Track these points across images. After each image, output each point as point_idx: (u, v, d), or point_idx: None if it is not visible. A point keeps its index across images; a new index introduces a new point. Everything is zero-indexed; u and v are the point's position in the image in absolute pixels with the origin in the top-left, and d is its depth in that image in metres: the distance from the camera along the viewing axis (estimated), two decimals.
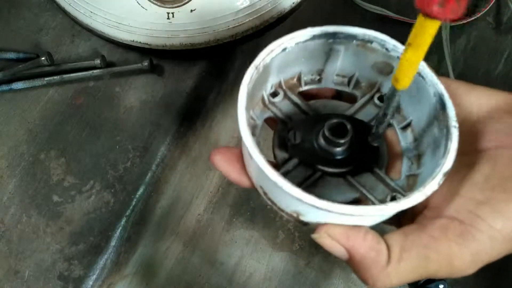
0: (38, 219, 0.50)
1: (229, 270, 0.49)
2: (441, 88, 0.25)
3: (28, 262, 0.49)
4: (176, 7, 0.49)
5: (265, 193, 0.26)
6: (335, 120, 0.26)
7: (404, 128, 0.29)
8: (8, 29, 0.56)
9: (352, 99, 0.30)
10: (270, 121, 0.30)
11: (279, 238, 0.50)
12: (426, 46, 0.19)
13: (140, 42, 0.51)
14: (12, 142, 0.52)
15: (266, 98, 0.29)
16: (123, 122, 0.53)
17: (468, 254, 0.22)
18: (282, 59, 0.27)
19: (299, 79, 0.30)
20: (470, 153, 0.25)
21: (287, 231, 0.50)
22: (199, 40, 0.51)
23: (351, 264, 0.24)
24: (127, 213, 0.50)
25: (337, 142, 0.26)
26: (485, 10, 0.55)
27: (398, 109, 0.29)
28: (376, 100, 0.29)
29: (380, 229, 0.25)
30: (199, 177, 0.52)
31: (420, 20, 0.18)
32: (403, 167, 0.28)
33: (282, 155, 0.27)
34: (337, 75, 0.30)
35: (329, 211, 0.21)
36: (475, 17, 0.55)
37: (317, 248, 0.50)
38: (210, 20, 0.49)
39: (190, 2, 0.49)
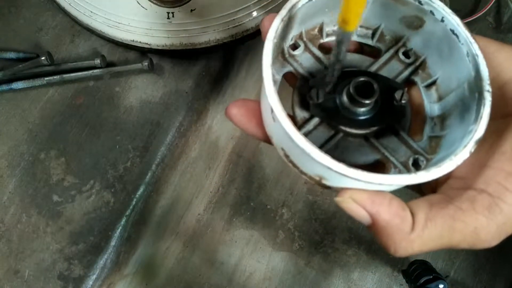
0: (38, 218, 0.50)
1: (229, 270, 0.49)
2: (476, 48, 0.24)
3: (28, 261, 0.49)
4: (176, 7, 0.49)
5: (286, 156, 0.24)
6: (361, 79, 0.24)
7: (429, 86, 0.27)
8: (8, 28, 0.56)
9: (375, 53, 0.29)
10: (289, 77, 0.28)
11: (279, 238, 0.50)
12: None
13: (140, 42, 0.51)
14: (12, 142, 0.52)
15: (286, 50, 0.27)
16: (123, 122, 0.53)
17: (494, 226, 0.22)
18: (307, 9, 0.25)
19: (320, 30, 0.28)
20: (498, 118, 0.24)
21: (287, 231, 0.50)
22: (199, 40, 0.51)
23: (373, 230, 0.23)
24: (127, 213, 0.50)
25: (363, 102, 0.24)
26: (485, 10, 0.55)
27: (423, 65, 0.28)
28: (401, 56, 0.27)
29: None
30: (199, 177, 0.52)
31: None
32: (426, 128, 0.27)
33: (302, 114, 0.26)
34: (361, 26, 0.28)
35: (359, 180, 0.21)
36: (475, 17, 0.55)
37: (317, 248, 0.50)
38: (210, 20, 0.49)
39: (190, 2, 0.49)
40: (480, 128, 0.22)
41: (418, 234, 0.22)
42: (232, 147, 0.53)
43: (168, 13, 0.49)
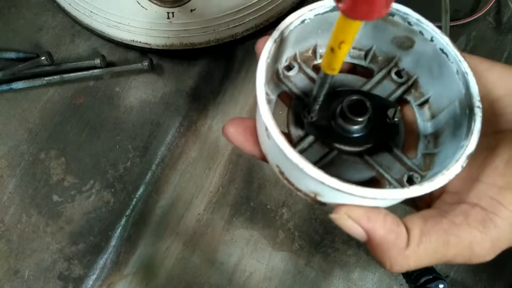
0: (38, 218, 0.50)
1: (229, 270, 0.49)
2: (465, 66, 0.24)
3: (28, 261, 0.49)
4: (176, 6, 0.49)
5: (281, 173, 0.25)
6: (354, 97, 0.25)
7: (422, 104, 0.28)
8: (8, 28, 0.56)
9: (368, 73, 0.29)
10: (284, 97, 0.29)
11: (279, 238, 0.50)
12: (351, 40, 0.19)
13: (140, 42, 0.51)
14: (12, 142, 0.52)
15: (280, 71, 0.28)
16: (123, 121, 0.53)
17: (488, 241, 0.22)
18: (300, 31, 0.26)
19: (314, 51, 0.29)
20: (489, 135, 0.24)
21: (287, 231, 0.50)
22: (199, 40, 0.51)
23: (369, 246, 0.23)
24: (127, 213, 0.50)
25: (356, 120, 0.25)
26: (485, 10, 0.55)
27: (415, 85, 0.28)
28: (393, 75, 0.28)
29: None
30: (199, 177, 0.52)
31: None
32: (420, 146, 0.27)
33: (297, 132, 0.27)
34: (354, 48, 0.29)
35: (352, 194, 0.21)
36: (475, 17, 0.55)
37: (317, 248, 0.50)
38: (210, 20, 0.49)
39: (190, 2, 0.49)
40: (471, 143, 0.22)
41: (413, 249, 0.22)
42: (232, 147, 0.53)
43: (168, 13, 0.49)
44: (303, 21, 0.25)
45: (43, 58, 0.50)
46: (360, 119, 0.25)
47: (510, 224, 0.22)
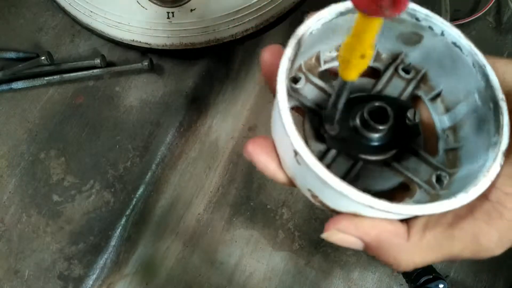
0: (38, 218, 0.50)
1: (229, 270, 0.49)
2: (482, 58, 0.24)
3: (28, 261, 0.49)
4: (176, 6, 0.49)
5: (314, 196, 0.24)
6: (374, 105, 0.24)
7: (433, 99, 0.27)
8: (8, 28, 0.56)
9: (373, 73, 0.28)
10: (297, 109, 0.28)
11: (279, 238, 0.50)
12: (371, 38, 0.18)
13: (140, 42, 0.51)
14: (12, 142, 0.52)
15: (288, 85, 0.26)
16: (123, 121, 0.53)
17: (495, 233, 0.22)
18: (307, 42, 0.25)
19: (317, 58, 0.28)
20: None
21: (287, 231, 0.50)
22: (199, 40, 0.50)
23: (370, 253, 0.23)
24: (127, 213, 0.50)
25: (379, 128, 0.24)
26: (485, 10, 0.55)
27: (424, 79, 0.27)
28: (401, 72, 0.27)
29: None
30: (199, 177, 0.52)
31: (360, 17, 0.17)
32: (440, 142, 0.27)
33: (318, 147, 0.25)
34: None
35: (400, 213, 0.21)
36: (475, 17, 0.55)
37: (317, 248, 0.50)
38: (210, 20, 0.49)
39: (190, 2, 0.49)
40: (504, 138, 0.22)
41: (416, 244, 0.22)
42: (232, 147, 0.53)
43: (168, 12, 0.49)
44: (311, 33, 0.25)
45: (43, 58, 0.50)
46: (383, 127, 0.24)
47: None
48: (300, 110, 0.27)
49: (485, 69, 0.23)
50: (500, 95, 0.23)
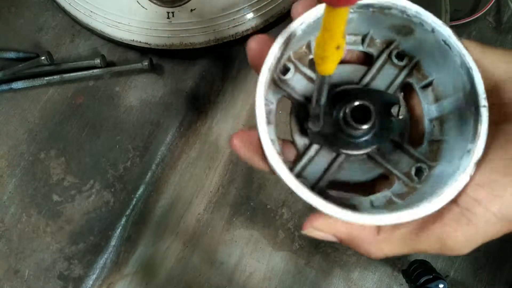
0: (38, 218, 0.50)
1: (229, 270, 0.49)
2: (469, 60, 0.23)
3: (28, 261, 0.49)
4: (176, 6, 0.49)
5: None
6: (356, 103, 0.24)
7: (425, 87, 0.27)
8: (8, 28, 0.56)
9: (367, 58, 0.28)
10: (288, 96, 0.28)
11: (279, 238, 0.50)
12: (341, 29, 0.18)
13: (140, 42, 0.51)
14: (12, 142, 0.52)
15: (276, 77, 0.26)
16: (123, 121, 0.53)
17: (462, 237, 0.22)
18: (297, 38, 0.25)
19: (308, 46, 0.27)
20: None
21: (287, 231, 0.50)
22: (199, 40, 0.51)
23: (345, 244, 0.25)
24: (127, 213, 0.50)
25: (360, 128, 0.24)
26: (485, 10, 0.55)
27: (417, 66, 0.27)
28: (394, 59, 0.27)
29: None
30: (199, 177, 0.52)
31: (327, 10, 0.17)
32: (426, 131, 0.27)
33: (302, 141, 0.27)
34: (349, 34, 0.28)
35: (362, 223, 0.22)
36: (475, 17, 0.55)
37: (317, 248, 0.50)
38: (210, 20, 0.49)
39: (190, 2, 0.49)
40: (478, 148, 0.22)
41: (385, 238, 0.24)
42: None
43: (168, 12, 0.49)
44: (303, 28, 0.25)
45: (43, 58, 0.50)
46: (364, 127, 0.24)
47: (486, 221, 0.22)
48: (292, 97, 0.27)
49: (471, 72, 0.23)
50: (483, 102, 0.22)
